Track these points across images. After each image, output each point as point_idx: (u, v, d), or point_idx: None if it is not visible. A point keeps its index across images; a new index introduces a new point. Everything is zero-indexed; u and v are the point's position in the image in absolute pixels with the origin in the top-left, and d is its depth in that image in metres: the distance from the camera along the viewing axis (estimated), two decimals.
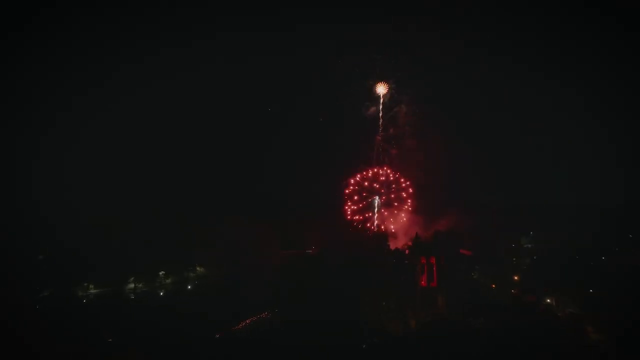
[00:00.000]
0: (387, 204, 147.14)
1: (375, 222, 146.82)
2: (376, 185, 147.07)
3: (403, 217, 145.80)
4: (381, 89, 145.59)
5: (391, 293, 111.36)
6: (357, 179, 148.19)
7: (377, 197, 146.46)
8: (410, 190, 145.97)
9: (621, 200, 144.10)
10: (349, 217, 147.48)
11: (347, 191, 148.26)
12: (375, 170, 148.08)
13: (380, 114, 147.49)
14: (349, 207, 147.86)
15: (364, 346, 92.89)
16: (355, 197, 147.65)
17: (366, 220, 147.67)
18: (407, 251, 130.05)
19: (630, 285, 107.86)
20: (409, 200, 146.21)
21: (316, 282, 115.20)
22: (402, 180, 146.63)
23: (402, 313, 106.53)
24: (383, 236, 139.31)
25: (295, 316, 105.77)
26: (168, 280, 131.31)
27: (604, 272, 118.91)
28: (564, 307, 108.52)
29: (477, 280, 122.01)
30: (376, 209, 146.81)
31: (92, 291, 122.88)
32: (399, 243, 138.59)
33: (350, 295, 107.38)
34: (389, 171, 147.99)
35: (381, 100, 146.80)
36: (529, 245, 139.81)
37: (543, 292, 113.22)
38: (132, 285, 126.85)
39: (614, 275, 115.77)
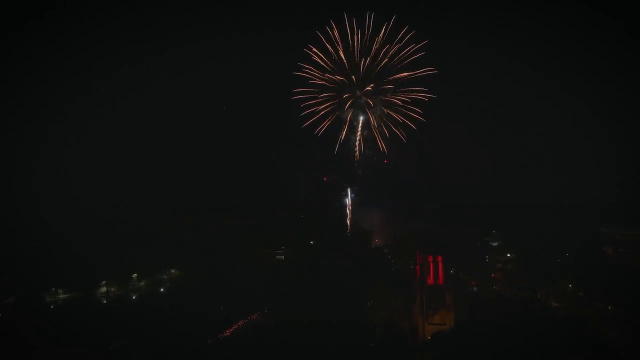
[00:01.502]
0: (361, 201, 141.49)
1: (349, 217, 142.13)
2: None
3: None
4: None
5: (397, 292, 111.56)
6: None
7: (349, 190, 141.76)
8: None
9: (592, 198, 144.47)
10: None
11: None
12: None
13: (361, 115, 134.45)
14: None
15: (372, 344, 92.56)
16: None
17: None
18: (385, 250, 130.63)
19: (605, 280, 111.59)
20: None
21: (317, 282, 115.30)
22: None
23: (408, 311, 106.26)
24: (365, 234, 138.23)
25: (291, 317, 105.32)
26: (141, 283, 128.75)
27: (579, 268, 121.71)
28: (549, 302, 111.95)
29: (462, 278, 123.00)
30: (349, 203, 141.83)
31: (61, 296, 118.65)
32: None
33: (356, 294, 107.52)
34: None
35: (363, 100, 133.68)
36: (496, 244, 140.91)
37: (534, 288, 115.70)
38: (104, 289, 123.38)
39: (591, 271, 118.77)
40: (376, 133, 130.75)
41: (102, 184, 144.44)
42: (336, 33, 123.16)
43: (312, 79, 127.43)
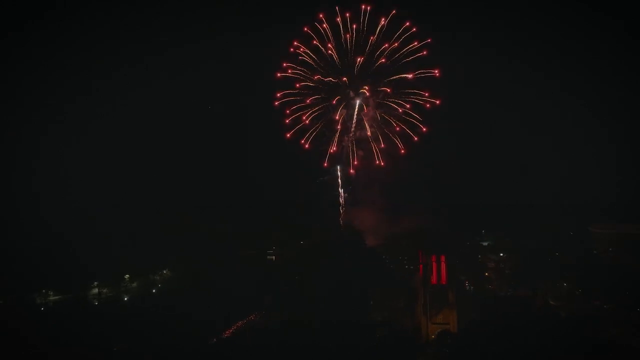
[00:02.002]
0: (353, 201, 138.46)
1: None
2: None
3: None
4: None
5: (398, 291, 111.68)
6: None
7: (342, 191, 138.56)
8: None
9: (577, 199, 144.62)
10: None
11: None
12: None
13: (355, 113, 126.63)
14: None
15: (375, 344, 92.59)
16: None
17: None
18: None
19: (605, 280, 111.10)
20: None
21: (316, 281, 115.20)
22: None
23: (411, 310, 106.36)
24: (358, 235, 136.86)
25: (291, 317, 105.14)
26: (134, 284, 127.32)
27: (578, 267, 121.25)
28: (548, 301, 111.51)
29: (458, 277, 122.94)
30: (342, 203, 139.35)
31: (52, 298, 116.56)
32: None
33: (356, 294, 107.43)
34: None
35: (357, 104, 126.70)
36: (486, 243, 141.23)
37: (533, 287, 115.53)
38: (95, 291, 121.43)
39: (589, 270, 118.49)
40: (372, 143, 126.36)
41: (101, 184, 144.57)
42: (328, 30, 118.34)
43: (303, 81, 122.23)
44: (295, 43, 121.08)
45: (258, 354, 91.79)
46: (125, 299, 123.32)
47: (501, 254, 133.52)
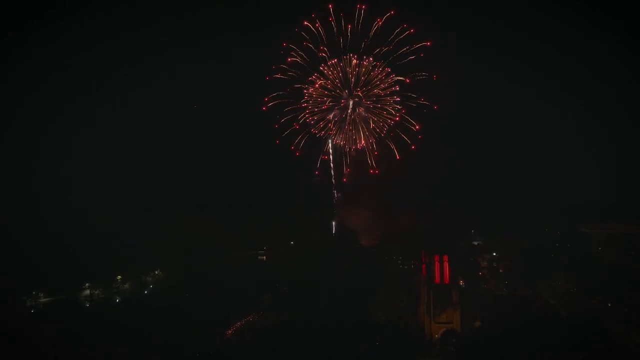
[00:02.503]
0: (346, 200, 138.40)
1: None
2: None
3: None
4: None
5: (401, 291, 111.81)
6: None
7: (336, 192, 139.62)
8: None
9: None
10: None
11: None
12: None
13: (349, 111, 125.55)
14: None
15: (377, 344, 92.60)
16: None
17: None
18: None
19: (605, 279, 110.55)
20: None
21: (317, 281, 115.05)
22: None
23: (413, 310, 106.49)
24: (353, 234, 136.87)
25: (291, 317, 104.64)
26: (126, 285, 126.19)
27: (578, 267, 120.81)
28: (548, 300, 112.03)
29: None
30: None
31: (42, 300, 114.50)
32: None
33: (357, 294, 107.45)
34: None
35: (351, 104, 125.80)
36: (476, 243, 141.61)
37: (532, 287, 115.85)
38: (87, 292, 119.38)
39: (588, 270, 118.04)
40: (366, 149, 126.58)
41: (101, 184, 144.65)
42: (321, 29, 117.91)
43: (295, 83, 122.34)
44: (284, 45, 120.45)
45: (258, 354, 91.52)
46: (117, 300, 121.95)
47: (494, 254, 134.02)
